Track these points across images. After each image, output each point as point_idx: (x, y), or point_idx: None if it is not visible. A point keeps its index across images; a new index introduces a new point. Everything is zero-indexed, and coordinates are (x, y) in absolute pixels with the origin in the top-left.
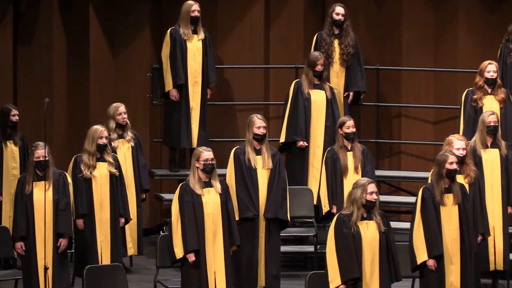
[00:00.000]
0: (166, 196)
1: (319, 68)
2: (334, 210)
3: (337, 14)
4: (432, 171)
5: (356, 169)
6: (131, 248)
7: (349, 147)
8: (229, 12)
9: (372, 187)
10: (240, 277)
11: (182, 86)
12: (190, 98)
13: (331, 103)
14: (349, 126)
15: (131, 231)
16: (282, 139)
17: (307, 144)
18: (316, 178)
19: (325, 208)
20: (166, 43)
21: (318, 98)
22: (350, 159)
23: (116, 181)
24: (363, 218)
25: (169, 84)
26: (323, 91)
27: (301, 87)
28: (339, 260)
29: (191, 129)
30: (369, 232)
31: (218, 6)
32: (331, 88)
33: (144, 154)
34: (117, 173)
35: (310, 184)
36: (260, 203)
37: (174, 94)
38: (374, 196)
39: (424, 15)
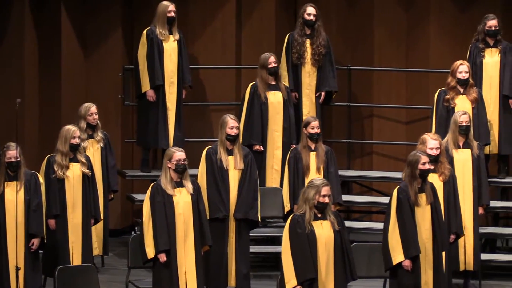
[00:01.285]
0: (138, 196)
1: (272, 65)
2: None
3: (309, 14)
4: (404, 171)
5: (318, 169)
6: (97, 248)
7: (312, 147)
8: (201, 12)
9: (326, 190)
10: (210, 277)
11: (159, 87)
12: (166, 99)
13: (287, 104)
14: (314, 126)
15: (97, 231)
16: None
17: (262, 149)
18: (276, 180)
19: (287, 207)
20: (143, 43)
21: (275, 100)
22: (313, 159)
23: (88, 182)
24: (317, 218)
25: (146, 85)
26: (280, 92)
27: (257, 90)
28: (294, 261)
29: (168, 130)
30: (324, 232)
31: (189, 6)
32: (286, 88)
33: (114, 154)
34: (90, 173)
35: (268, 186)
36: (231, 204)
37: (151, 94)
38: (326, 199)
39: (395, 15)
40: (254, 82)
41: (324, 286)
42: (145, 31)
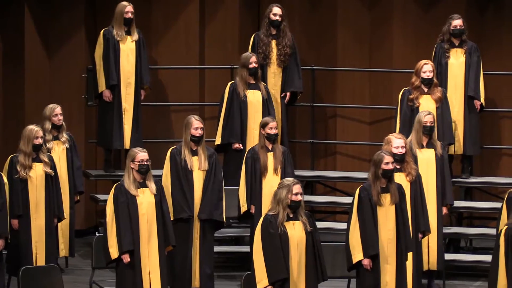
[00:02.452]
0: (102, 197)
1: (253, 65)
2: (253, 210)
3: (274, 14)
4: (369, 171)
5: (275, 170)
6: (63, 249)
7: (270, 148)
8: (164, 12)
9: (297, 188)
10: (174, 278)
11: (114, 87)
12: (122, 99)
13: (267, 102)
14: (272, 127)
15: (63, 232)
16: (218, 141)
17: (242, 147)
18: None
19: (243, 207)
20: (99, 44)
21: (254, 99)
22: (270, 160)
23: (52, 182)
24: (289, 219)
25: (102, 85)
26: (259, 91)
27: (237, 89)
28: (266, 260)
29: (124, 130)
30: (296, 232)
31: (152, 6)
32: (266, 87)
33: (79, 156)
34: (53, 173)
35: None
36: (195, 204)
37: (107, 95)
38: (299, 197)
39: (359, 15)
40: (233, 81)
41: (296, 287)
42: (102, 31)
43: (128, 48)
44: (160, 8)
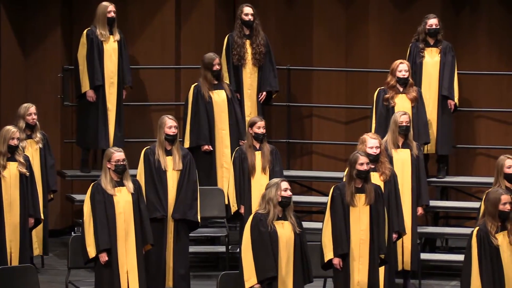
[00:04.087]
0: (78, 196)
1: (216, 67)
2: (242, 210)
3: (246, 14)
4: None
5: (264, 169)
6: (37, 248)
7: (257, 147)
8: (140, 12)
9: (285, 184)
10: (149, 277)
11: (99, 87)
12: (107, 99)
13: (232, 101)
14: (260, 126)
15: (37, 231)
16: (187, 144)
17: (212, 149)
18: (227, 178)
19: (233, 207)
20: (83, 44)
21: (219, 99)
22: (258, 159)
23: (27, 181)
24: (278, 218)
25: (85, 85)
26: (223, 91)
27: (201, 91)
28: (255, 259)
29: (108, 130)
30: (285, 232)
31: (128, 6)
32: (230, 87)
33: (53, 154)
34: (28, 173)
35: (220, 185)
36: (169, 204)
37: (91, 95)
38: (289, 192)
39: (334, 15)
40: (196, 83)
41: (284, 285)
42: (85, 32)
43: (111, 48)
44: (136, 8)
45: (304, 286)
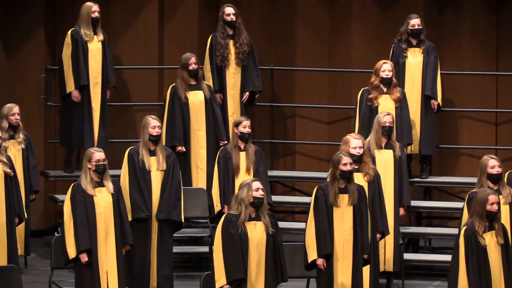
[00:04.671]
0: (61, 197)
1: (192, 66)
2: (226, 210)
3: (228, 15)
4: (329, 171)
5: (248, 170)
6: (19, 248)
7: (242, 147)
8: (123, 12)
9: (257, 184)
10: (133, 278)
11: (84, 87)
12: (91, 99)
13: (210, 102)
14: (245, 126)
15: (18, 232)
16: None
17: (185, 150)
18: (203, 180)
19: (217, 207)
20: (67, 44)
21: (196, 100)
22: (242, 159)
23: (11, 181)
24: (251, 219)
25: (70, 86)
26: (201, 91)
27: (177, 91)
28: (225, 260)
29: (93, 130)
30: (256, 233)
31: (111, 5)
32: (209, 87)
33: (35, 155)
34: (12, 173)
35: (195, 185)
36: (153, 204)
37: (76, 95)
38: (261, 192)
39: (317, 15)
40: (174, 84)
41: (254, 287)
42: (69, 32)
43: (95, 48)
44: (120, 8)
45: (276, 286)
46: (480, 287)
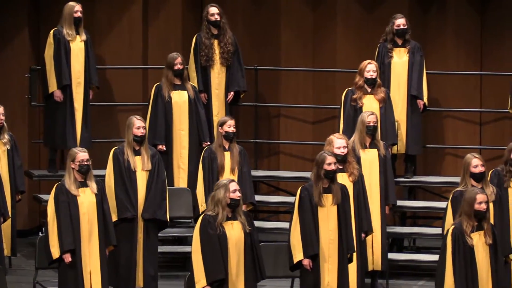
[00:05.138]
0: (45, 197)
1: (178, 67)
2: None
3: (212, 15)
4: (312, 171)
5: (232, 170)
6: (5, 249)
7: (227, 147)
8: (107, 11)
9: (234, 185)
10: (119, 278)
11: (66, 87)
12: (74, 99)
13: (194, 102)
14: (230, 125)
15: (4, 232)
16: None
17: (165, 149)
18: (184, 180)
19: (202, 207)
20: (49, 44)
21: (180, 99)
22: (227, 159)
23: None
24: (228, 218)
25: (53, 85)
26: (185, 91)
27: (161, 90)
28: (204, 261)
29: (76, 130)
30: (234, 233)
31: (96, 5)
32: (193, 88)
33: (20, 155)
34: None
35: (176, 185)
36: (139, 204)
37: (58, 95)
38: (238, 194)
39: (302, 15)
40: (159, 83)
41: (235, 287)
42: (52, 32)
43: (77, 48)
44: (104, 8)
45: (256, 285)
46: (466, 287)
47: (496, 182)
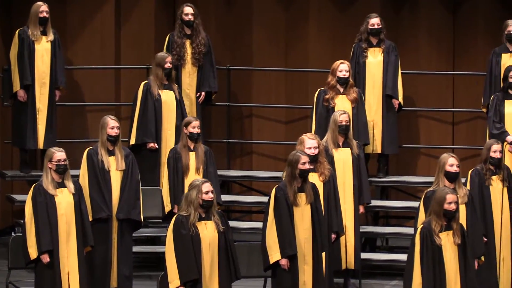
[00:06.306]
0: (18, 197)
1: (168, 65)
2: (176, 210)
3: (186, 14)
4: (284, 171)
5: (197, 169)
6: None
7: (192, 147)
8: (80, 12)
9: (207, 187)
10: (94, 278)
11: (29, 87)
12: (36, 99)
13: (180, 103)
14: (195, 126)
15: None
16: (132, 141)
17: (157, 147)
18: None
19: (167, 207)
20: (14, 44)
21: (168, 99)
22: (192, 159)
23: None
24: (201, 218)
25: (16, 85)
26: (172, 91)
27: (151, 89)
28: (177, 261)
29: (37, 130)
30: (208, 233)
31: (68, 6)
32: (178, 89)
33: None
34: None
35: (162, 185)
36: (113, 204)
37: (21, 94)
38: (210, 195)
39: (274, 15)
40: (146, 81)
41: (208, 287)
42: (17, 31)
43: (43, 48)
44: (76, 8)
45: (231, 285)
46: (434, 286)
47: (477, 181)
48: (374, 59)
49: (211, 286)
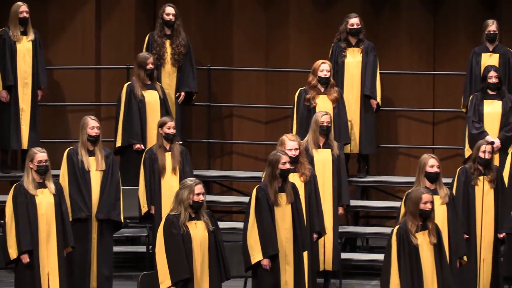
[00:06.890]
0: None
1: (150, 66)
2: (153, 211)
3: (167, 14)
4: (265, 171)
5: (174, 170)
6: None
7: (167, 148)
8: (60, 12)
9: (199, 188)
10: (74, 279)
11: (11, 88)
12: (20, 100)
13: (164, 102)
14: (170, 126)
15: None
16: (119, 143)
17: (144, 147)
18: None
19: (144, 208)
20: None
21: (152, 99)
22: (168, 160)
23: None
24: (191, 218)
25: None
26: (156, 91)
27: (134, 90)
28: (168, 261)
29: (21, 131)
30: (198, 232)
31: (48, 5)
32: (161, 88)
33: None
34: None
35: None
36: (93, 204)
37: (3, 95)
38: (201, 197)
39: (255, 15)
40: (129, 82)
41: (199, 286)
42: None
43: (24, 48)
44: (57, 9)
45: (221, 284)
46: (412, 286)
47: (463, 180)
48: (353, 59)
49: (202, 285)
